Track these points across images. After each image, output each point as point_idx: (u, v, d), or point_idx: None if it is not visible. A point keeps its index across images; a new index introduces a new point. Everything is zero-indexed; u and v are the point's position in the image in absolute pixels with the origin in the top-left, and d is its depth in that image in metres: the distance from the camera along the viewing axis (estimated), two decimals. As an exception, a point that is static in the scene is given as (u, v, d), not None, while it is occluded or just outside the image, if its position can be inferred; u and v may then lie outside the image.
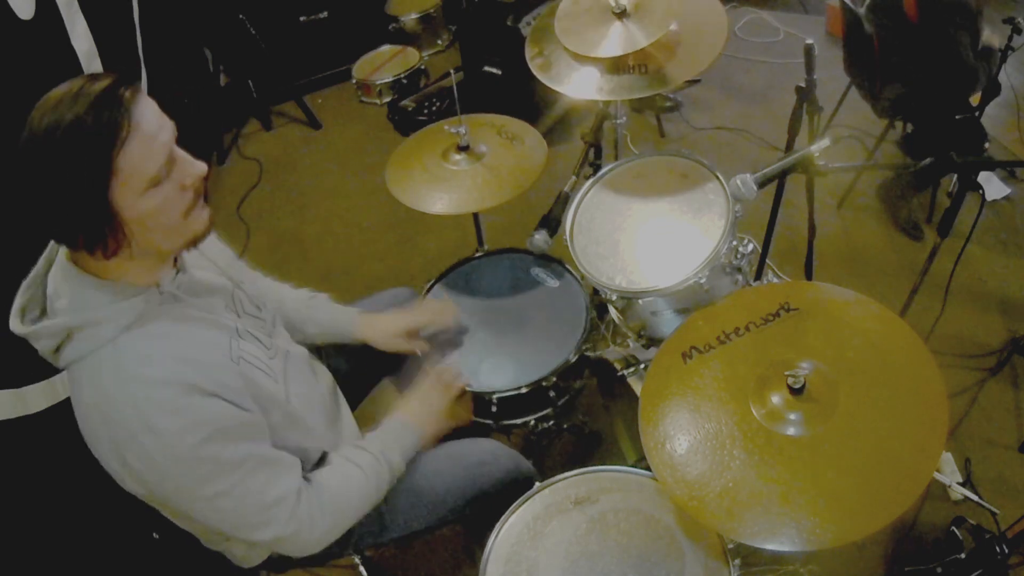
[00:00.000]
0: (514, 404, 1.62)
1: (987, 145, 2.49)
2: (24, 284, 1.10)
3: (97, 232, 0.98)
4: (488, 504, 1.40)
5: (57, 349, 1.05)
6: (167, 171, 1.01)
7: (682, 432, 1.22)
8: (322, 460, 1.33)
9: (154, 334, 1.07)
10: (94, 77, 0.98)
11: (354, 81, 3.63)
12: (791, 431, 1.16)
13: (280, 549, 1.26)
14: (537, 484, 1.39)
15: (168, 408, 1.03)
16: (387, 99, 3.60)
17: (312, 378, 1.44)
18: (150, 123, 0.99)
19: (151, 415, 1.02)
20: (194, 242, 1.12)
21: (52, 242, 1.12)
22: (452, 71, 2.09)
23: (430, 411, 1.48)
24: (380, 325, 1.62)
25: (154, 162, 0.99)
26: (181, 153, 1.05)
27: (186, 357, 1.08)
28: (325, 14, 3.64)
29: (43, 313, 1.08)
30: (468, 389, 1.59)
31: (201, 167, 1.08)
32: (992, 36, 2.55)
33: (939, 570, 1.73)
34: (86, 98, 0.94)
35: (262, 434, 1.17)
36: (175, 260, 1.16)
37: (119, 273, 1.06)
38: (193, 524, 1.27)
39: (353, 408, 1.58)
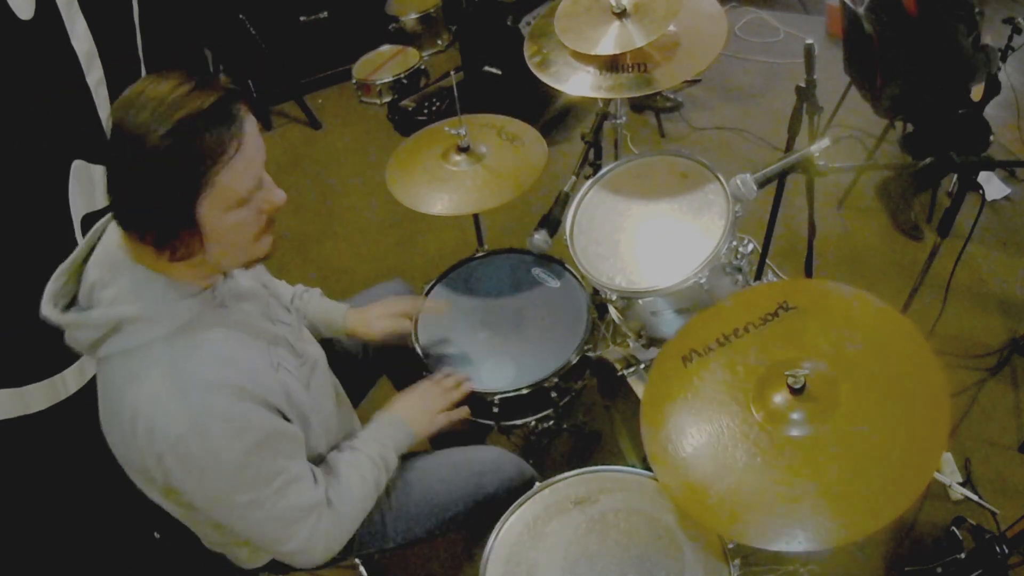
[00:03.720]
0: (515, 405, 1.62)
1: (992, 139, 2.49)
2: (60, 269, 1.07)
3: (172, 235, 0.97)
4: (490, 510, 1.39)
5: (96, 341, 1.02)
6: (253, 194, 1.02)
7: (684, 436, 1.22)
8: (322, 459, 1.33)
9: (208, 338, 1.07)
10: (205, 81, 0.96)
11: (354, 81, 3.62)
12: (792, 432, 1.16)
13: (292, 561, 1.25)
14: (537, 484, 1.39)
15: (221, 413, 1.02)
16: (387, 99, 3.59)
17: (330, 383, 1.44)
18: (252, 145, 0.99)
19: (203, 419, 1.01)
20: (252, 264, 1.13)
21: (96, 227, 1.09)
22: (452, 71, 2.08)
23: (425, 409, 1.47)
24: (368, 313, 1.61)
25: (247, 183, 1.00)
26: (268, 178, 1.06)
27: (237, 362, 1.08)
28: (325, 14, 3.64)
29: (73, 302, 1.06)
30: (471, 390, 1.59)
31: (281, 196, 1.09)
32: (988, 34, 2.55)
33: (939, 570, 1.73)
34: (204, 100, 0.93)
35: (299, 448, 1.18)
36: None
37: (177, 274, 1.05)
38: (201, 526, 1.26)
39: (354, 406, 1.57)
